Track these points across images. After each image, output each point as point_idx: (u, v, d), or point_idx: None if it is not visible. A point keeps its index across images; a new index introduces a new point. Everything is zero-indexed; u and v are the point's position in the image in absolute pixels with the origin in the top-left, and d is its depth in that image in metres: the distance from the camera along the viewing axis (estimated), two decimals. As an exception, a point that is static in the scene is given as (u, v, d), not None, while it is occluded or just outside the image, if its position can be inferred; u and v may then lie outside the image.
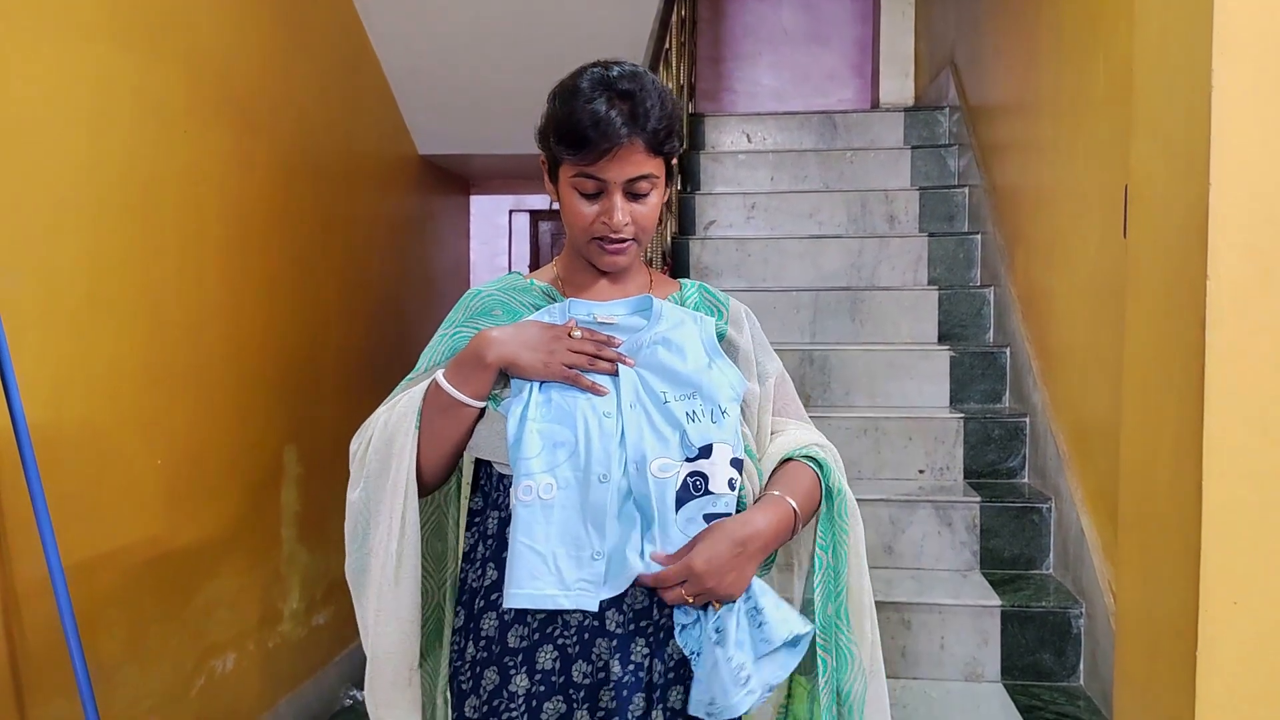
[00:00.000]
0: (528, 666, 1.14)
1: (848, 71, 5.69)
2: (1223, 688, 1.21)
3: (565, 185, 1.17)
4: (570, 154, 1.13)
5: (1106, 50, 2.35)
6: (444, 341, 1.25)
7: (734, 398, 1.17)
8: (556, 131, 1.14)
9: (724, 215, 3.99)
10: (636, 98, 1.13)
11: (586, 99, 1.12)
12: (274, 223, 2.90)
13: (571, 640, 1.13)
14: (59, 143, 2.00)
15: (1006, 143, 3.38)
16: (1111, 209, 2.22)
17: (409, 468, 1.15)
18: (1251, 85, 1.21)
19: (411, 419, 1.16)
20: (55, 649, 1.93)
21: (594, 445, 1.11)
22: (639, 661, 1.13)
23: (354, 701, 3.22)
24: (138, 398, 2.26)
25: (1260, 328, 1.21)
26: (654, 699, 1.13)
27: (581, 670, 1.13)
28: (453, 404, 1.14)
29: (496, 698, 1.15)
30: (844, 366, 3.24)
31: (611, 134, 1.11)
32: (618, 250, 1.18)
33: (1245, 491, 1.21)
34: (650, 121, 1.13)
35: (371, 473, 1.18)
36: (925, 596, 2.53)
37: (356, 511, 1.20)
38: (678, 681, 1.14)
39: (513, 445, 1.12)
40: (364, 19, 3.44)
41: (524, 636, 1.14)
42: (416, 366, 1.27)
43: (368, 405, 1.27)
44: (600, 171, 1.13)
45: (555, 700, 1.13)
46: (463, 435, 1.17)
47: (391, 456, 1.16)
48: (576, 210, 1.17)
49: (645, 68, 1.21)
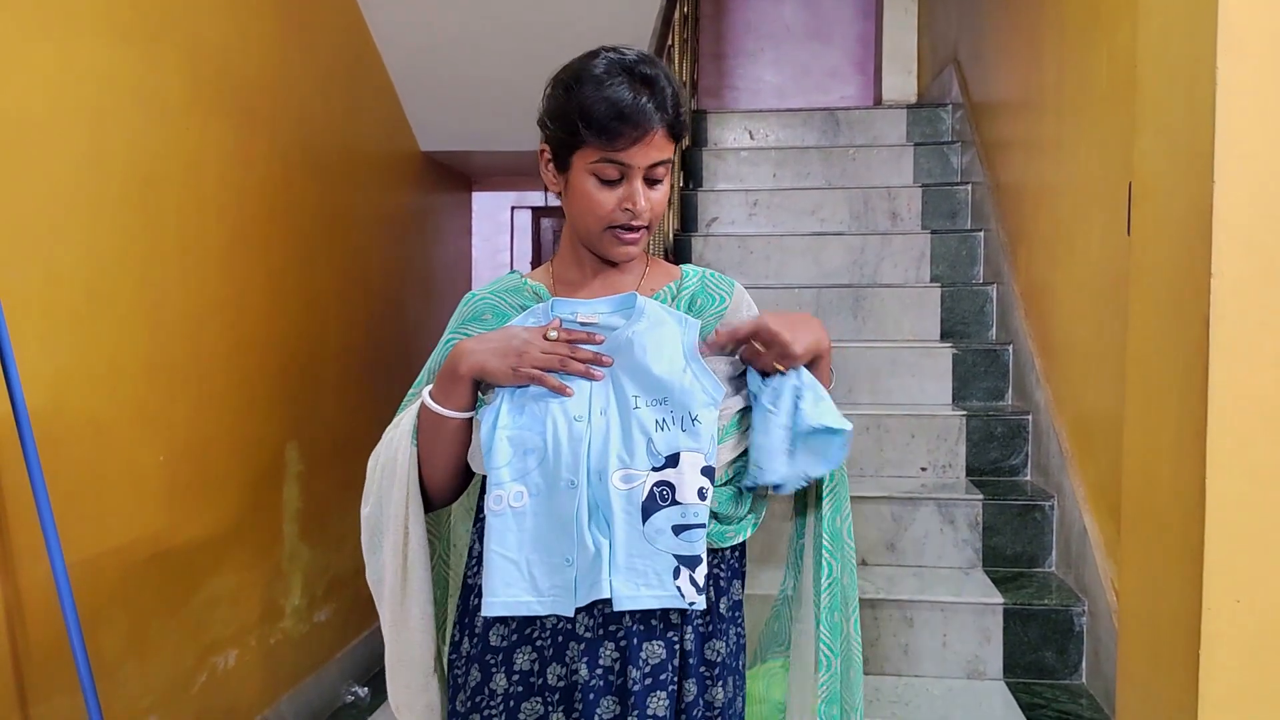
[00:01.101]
0: (507, 666, 1.14)
1: (850, 68, 5.68)
2: (1225, 685, 1.21)
3: (581, 173, 1.14)
4: (598, 140, 1.11)
5: (1110, 46, 2.34)
6: (442, 348, 1.26)
7: (709, 403, 1.12)
8: (583, 117, 1.11)
9: (726, 212, 3.99)
10: (658, 83, 1.13)
11: (610, 84, 1.11)
12: (275, 218, 2.90)
13: (546, 643, 1.14)
14: (60, 138, 2.00)
15: (1009, 139, 3.38)
16: (1114, 206, 2.22)
17: (411, 483, 1.17)
18: (1256, 81, 1.21)
19: (408, 437, 1.18)
20: (57, 645, 1.93)
21: (563, 450, 1.09)
22: (608, 665, 1.11)
23: (355, 698, 3.22)
24: (139, 393, 2.26)
25: (1264, 325, 1.21)
26: (629, 705, 1.10)
27: (555, 673, 1.13)
28: (438, 419, 1.15)
29: (479, 694, 1.16)
30: (846, 364, 3.23)
31: (644, 120, 1.10)
32: (633, 240, 1.17)
33: (1248, 489, 1.21)
34: (670, 105, 1.13)
35: (380, 490, 1.20)
36: (927, 594, 2.53)
37: (370, 526, 1.22)
38: (658, 688, 1.11)
39: (485, 454, 1.11)
40: (366, 14, 3.43)
41: (504, 636, 1.15)
42: (419, 378, 1.28)
43: (369, 402, 1.29)
44: (628, 157, 1.11)
45: (533, 701, 1.13)
46: (458, 447, 1.17)
47: (395, 474, 1.18)
48: (594, 198, 1.14)
49: (662, 66, 1.20)
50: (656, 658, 1.11)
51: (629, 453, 1.09)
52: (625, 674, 1.11)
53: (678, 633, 1.13)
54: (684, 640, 1.14)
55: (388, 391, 3.60)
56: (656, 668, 1.11)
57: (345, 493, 3.34)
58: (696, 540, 1.09)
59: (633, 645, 1.11)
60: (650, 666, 1.11)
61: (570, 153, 1.15)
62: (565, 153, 1.15)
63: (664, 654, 1.12)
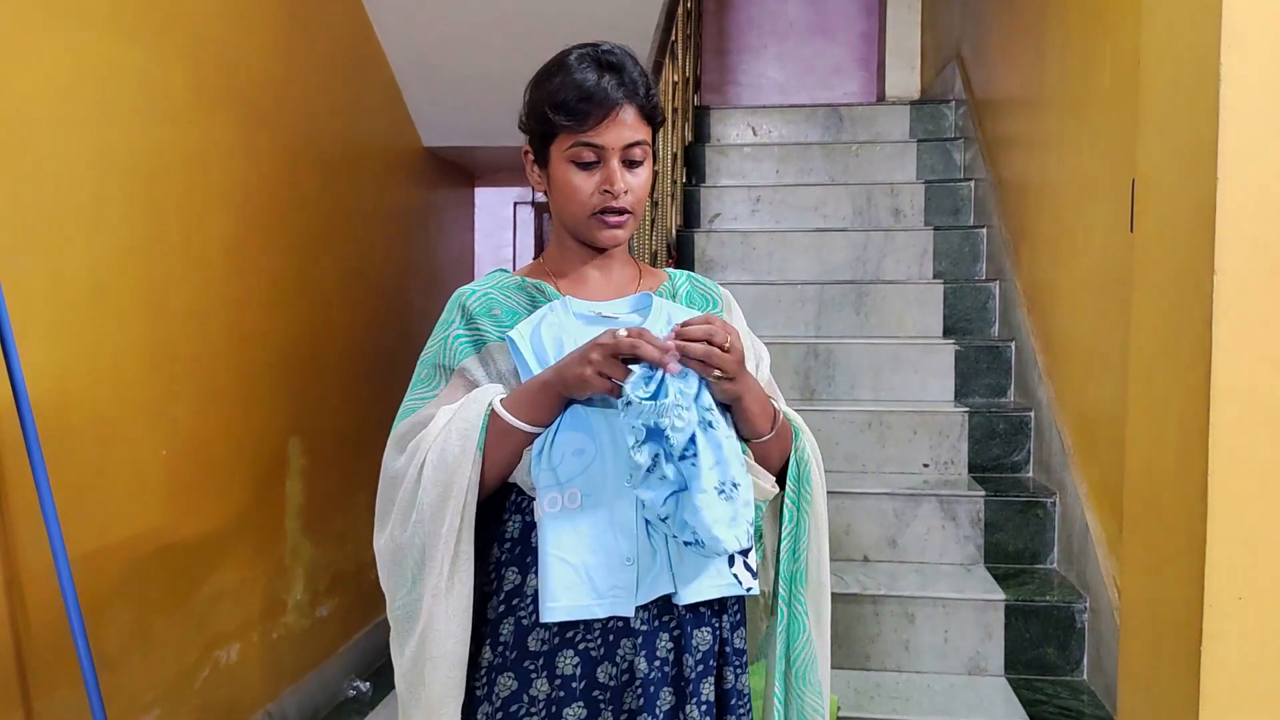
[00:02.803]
0: (548, 671, 1.13)
1: (853, 64, 5.67)
2: (1227, 683, 1.21)
3: (560, 162, 1.17)
4: (567, 121, 1.14)
5: (1113, 43, 2.33)
6: (445, 344, 1.21)
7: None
8: (551, 103, 1.15)
9: (729, 208, 3.99)
10: (625, 68, 1.17)
11: (576, 70, 1.16)
12: (279, 214, 2.90)
13: (595, 644, 1.13)
14: (64, 133, 2.00)
15: (1012, 136, 3.37)
16: (1117, 203, 2.21)
17: (470, 496, 1.10)
18: (1260, 78, 1.21)
19: (474, 448, 1.10)
20: (60, 638, 1.94)
21: (611, 451, 1.10)
22: (664, 656, 1.13)
23: (357, 692, 3.23)
24: (142, 388, 2.26)
25: (1267, 322, 1.21)
26: (686, 693, 1.13)
27: (607, 672, 1.13)
28: (511, 431, 1.11)
29: (515, 703, 1.13)
30: (848, 360, 3.23)
31: (607, 98, 1.14)
32: (618, 223, 1.18)
33: (1251, 486, 1.21)
34: (639, 88, 1.16)
35: (430, 506, 1.11)
36: (929, 590, 2.53)
37: (415, 550, 1.12)
38: (708, 674, 1.15)
39: (536, 456, 1.11)
40: (370, 10, 3.43)
41: (544, 640, 1.13)
42: (416, 373, 1.23)
43: (371, 397, 1.27)
44: (598, 137, 1.14)
45: (576, 706, 1.12)
46: (516, 460, 1.13)
47: (451, 489, 1.10)
48: (573, 185, 1.17)
49: (632, 53, 1.22)
50: (705, 644, 1.15)
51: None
52: (680, 663, 1.13)
53: (718, 620, 1.18)
54: (723, 627, 1.18)
55: (391, 386, 3.60)
56: (706, 654, 1.15)
57: (348, 488, 3.34)
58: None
59: (687, 634, 1.14)
60: (701, 653, 1.15)
61: (548, 145, 1.18)
62: (543, 146, 1.19)
63: (710, 640, 1.16)
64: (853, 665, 2.50)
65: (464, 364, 1.19)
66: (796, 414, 1.26)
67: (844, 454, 3.01)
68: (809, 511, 1.23)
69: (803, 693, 1.22)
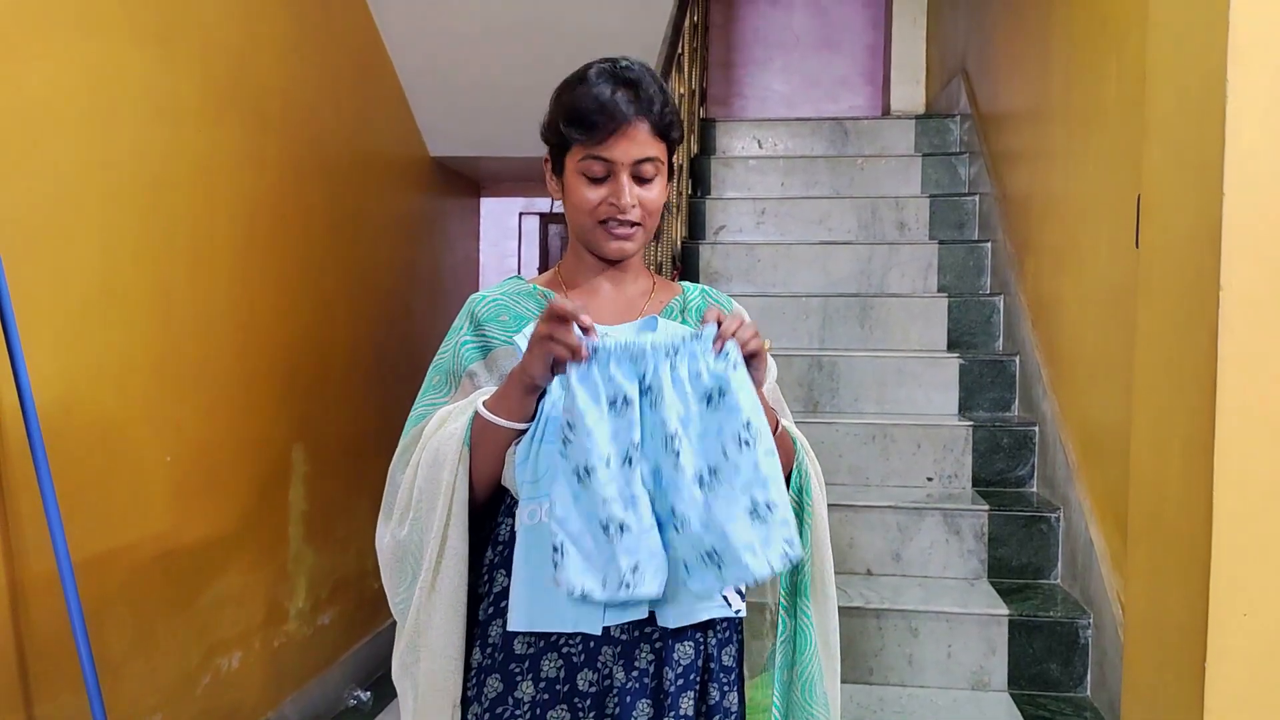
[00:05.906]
0: (533, 674, 1.14)
1: (859, 78, 5.69)
2: (1232, 700, 1.21)
3: (572, 173, 1.19)
4: (579, 134, 1.16)
5: (1119, 58, 2.34)
6: (455, 350, 1.24)
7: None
8: (565, 116, 1.17)
9: (734, 220, 3.99)
10: (641, 84, 1.17)
11: (593, 84, 1.17)
12: (284, 221, 2.91)
13: (576, 649, 1.14)
14: (71, 139, 2.01)
15: (1017, 150, 3.38)
16: (1122, 217, 2.21)
17: (459, 490, 1.13)
18: (1266, 93, 1.21)
19: (459, 444, 1.13)
20: (63, 644, 1.94)
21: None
22: (643, 668, 1.13)
23: (358, 702, 3.22)
24: (147, 394, 2.27)
25: (1272, 338, 1.21)
26: (665, 706, 1.12)
27: (587, 679, 1.13)
28: (490, 428, 1.12)
29: (500, 705, 1.15)
30: (853, 373, 3.23)
31: (618, 113, 1.15)
32: (626, 234, 1.19)
33: (1256, 502, 1.21)
34: (655, 105, 1.17)
35: (423, 507, 1.15)
36: (932, 605, 2.52)
37: (412, 547, 1.17)
38: (688, 689, 1.14)
39: (520, 464, 1.11)
40: (377, 19, 3.45)
41: (530, 643, 1.14)
42: (428, 379, 1.26)
43: (376, 405, 1.28)
44: (607, 151, 1.15)
45: (559, 709, 1.13)
46: (501, 463, 1.15)
47: (439, 484, 1.13)
48: (583, 195, 1.18)
49: (651, 70, 1.22)
50: (686, 659, 1.14)
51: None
52: (660, 675, 1.13)
53: (703, 635, 1.17)
54: (708, 644, 1.17)
55: (395, 394, 3.61)
56: (687, 668, 1.14)
57: (351, 496, 3.34)
58: None
59: (667, 646, 1.14)
60: (681, 667, 1.14)
61: (563, 155, 1.20)
62: (559, 155, 1.21)
63: (693, 655, 1.15)
64: (856, 679, 2.49)
65: (470, 369, 1.22)
66: (798, 430, 1.26)
67: (847, 467, 3.01)
68: (810, 522, 1.23)
69: (810, 705, 1.22)
